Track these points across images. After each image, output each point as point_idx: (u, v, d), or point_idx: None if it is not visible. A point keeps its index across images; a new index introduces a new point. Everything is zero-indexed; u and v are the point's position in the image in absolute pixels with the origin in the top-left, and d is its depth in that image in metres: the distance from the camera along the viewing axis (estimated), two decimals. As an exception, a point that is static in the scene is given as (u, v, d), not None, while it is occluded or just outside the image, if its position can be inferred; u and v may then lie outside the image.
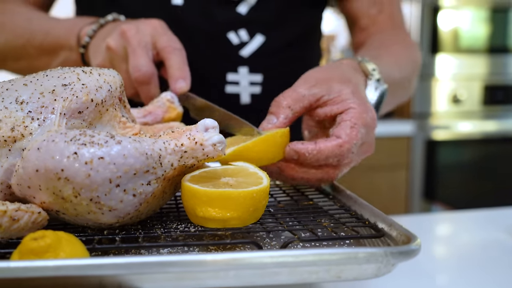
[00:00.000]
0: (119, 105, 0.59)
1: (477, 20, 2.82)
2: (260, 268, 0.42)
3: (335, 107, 0.65)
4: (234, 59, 0.91)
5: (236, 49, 0.91)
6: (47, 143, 0.47)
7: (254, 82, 0.92)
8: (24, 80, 0.54)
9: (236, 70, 0.91)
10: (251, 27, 0.91)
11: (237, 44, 0.91)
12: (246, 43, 0.91)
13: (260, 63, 0.92)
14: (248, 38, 0.91)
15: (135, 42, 0.72)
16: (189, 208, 0.52)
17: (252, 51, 0.91)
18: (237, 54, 0.91)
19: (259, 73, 0.92)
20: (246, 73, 0.91)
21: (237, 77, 0.91)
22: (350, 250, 0.43)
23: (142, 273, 0.41)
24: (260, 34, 0.92)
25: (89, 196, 0.47)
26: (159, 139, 0.50)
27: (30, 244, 0.42)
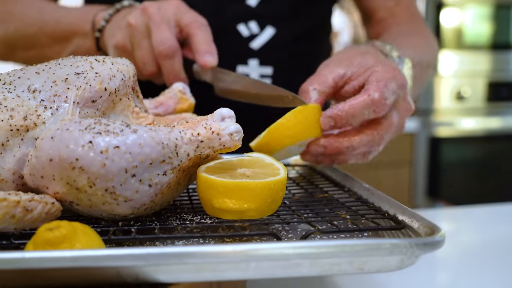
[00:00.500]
0: (132, 94, 0.57)
1: (480, 17, 2.80)
2: (281, 259, 0.41)
3: (361, 78, 0.65)
4: (244, 52, 0.90)
5: (246, 42, 0.90)
6: (61, 131, 0.46)
7: (264, 74, 0.91)
8: (36, 69, 0.53)
9: (246, 63, 0.90)
10: (261, 19, 0.90)
11: (247, 36, 0.90)
12: (256, 35, 0.90)
13: (270, 55, 0.91)
14: (258, 30, 0.90)
15: (158, 18, 0.71)
16: (205, 199, 0.51)
17: (263, 44, 0.90)
18: (247, 47, 0.90)
19: (269, 65, 0.91)
20: (256, 66, 0.90)
21: (247, 69, 0.90)
22: (374, 241, 0.42)
23: (160, 265, 0.40)
24: (271, 27, 0.91)
25: (104, 186, 0.46)
26: (174, 129, 0.49)
27: (45, 235, 0.41)
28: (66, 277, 0.40)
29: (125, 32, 0.73)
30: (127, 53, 0.74)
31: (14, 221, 0.45)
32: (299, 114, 0.63)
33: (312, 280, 0.67)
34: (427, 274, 0.71)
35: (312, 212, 0.55)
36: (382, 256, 0.42)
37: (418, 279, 0.69)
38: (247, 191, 0.49)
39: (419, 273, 0.70)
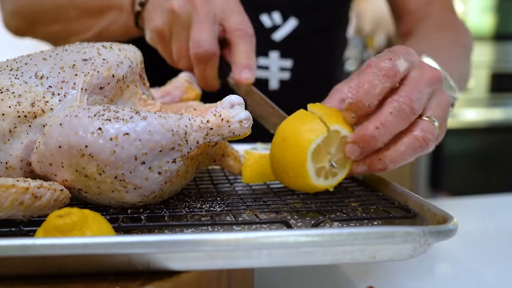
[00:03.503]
0: (139, 81, 0.57)
1: (483, 7, 2.79)
2: (295, 247, 0.40)
3: None
4: (266, 43, 0.88)
5: (268, 33, 0.88)
6: (70, 118, 0.46)
7: (284, 67, 0.90)
8: (43, 55, 0.52)
9: (267, 54, 0.88)
10: (285, 10, 0.88)
11: (270, 27, 0.88)
12: (279, 27, 0.88)
13: (291, 48, 0.90)
14: (281, 21, 0.88)
15: (203, 12, 0.65)
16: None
17: (285, 35, 0.89)
18: (269, 38, 0.88)
19: (289, 58, 0.89)
20: (276, 58, 0.89)
21: (268, 61, 0.88)
22: (388, 229, 0.41)
23: (173, 252, 0.39)
24: (294, 18, 0.89)
25: (113, 173, 0.45)
26: (184, 116, 0.49)
27: (56, 222, 0.41)
28: (76, 264, 0.40)
29: (166, 17, 0.67)
30: (164, 40, 0.68)
31: (22, 208, 0.45)
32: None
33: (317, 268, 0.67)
34: (429, 264, 0.71)
35: (321, 200, 0.54)
36: (395, 244, 0.42)
37: (420, 269, 0.69)
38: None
39: (421, 263, 0.70)
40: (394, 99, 0.52)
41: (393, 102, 0.52)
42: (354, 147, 0.52)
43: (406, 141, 0.53)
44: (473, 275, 0.68)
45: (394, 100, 0.52)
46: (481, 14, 2.79)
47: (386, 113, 0.51)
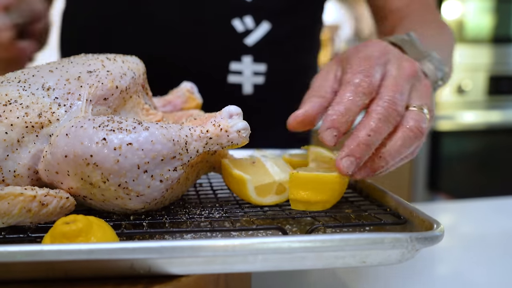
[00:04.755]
0: (142, 92, 0.59)
1: (481, 10, 2.81)
2: (288, 252, 0.43)
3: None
4: (238, 48, 0.88)
5: (240, 37, 0.88)
6: (75, 129, 0.48)
7: (258, 72, 0.90)
8: (50, 67, 0.55)
9: (240, 59, 0.88)
10: (257, 14, 0.88)
11: (242, 31, 0.88)
12: (251, 31, 0.88)
13: (264, 52, 0.90)
14: (253, 26, 0.88)
15: None
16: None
17: (257, 40, 0.89)
18: (241, 42, 0.88)
19: (263, 62, 0.90)
20: (250, 63, 0.89)
21: (241, 66, 0.89)
22: (376, 236, 0.43)
23: (173, 257, 0.41)
24: (266, 22, 0.89)
25: (117, 181, 0.47)
26: (184, 126, 0.51)
27: (62, 228, 0.43)
28: (82, 268, 0.42)
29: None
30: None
31: (30, 215, 0.47)
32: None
33: (312, 272, 0.69)
34: (427, 266, 0.73)
35: (316, 207, 0.56)
36: (384, 249, 0.44)
37: (419, 272, 0.71)
38: (323, 184, 0.52)
39: (420, 266, 0.72)
40: (379, 104, 0.53)
41: (378, 107, 0.53)
42: (350, 159, 0.52)
43: (401, 135, 0.54)
44: (470, 277, 0.70)
45: (379, 105, 0.53)
46: (479, 17, 2.81)
47: (375, 119, 0.52)
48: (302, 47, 0.97)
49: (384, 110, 0.53)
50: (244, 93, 0.90)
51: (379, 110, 0.53)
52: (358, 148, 0.52)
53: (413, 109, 0.55)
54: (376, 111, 0.53)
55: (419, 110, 0.55)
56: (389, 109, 0.53)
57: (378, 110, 0.53)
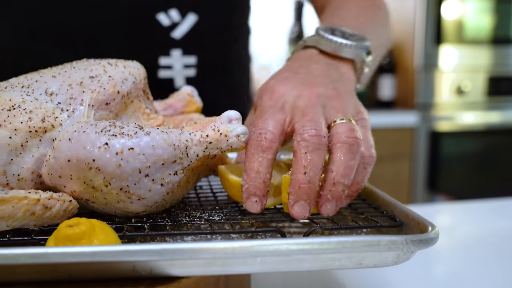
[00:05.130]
0: (143, 96, 0.60)
1: (481, 11, 2.82)
2: (286, 255, 0.44)
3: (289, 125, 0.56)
4: (166, 42, 0.87)
5: (167, 31, 0.87)
6: (78, 134, 0.49)
7: (188, 64, 0.89)
8: (52, 72, 0.56)
9: (169, 53, 0.87)
10: (182, 7, 0.87)
11: (169, 25, 0.86)
12: (178, 24, 0.87)
13: (193, 44, 0.88)
14: (179, 18, 0.87)
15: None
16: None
17: (185, 32, 0.87)
18: (168, 36, 0.87)
19: (193, 55, 0.89)
20: (179, 56, 0.87)
21: (170, 60, 0.87)
22: (372, 238, 0.44)
23: (174, 259, 0.42)
24: (193, 13, 0.87)
25: (119, 185, 0.49)
26: (185, 130, 0.52)
27: (66, 231, 0.44)
28: (85, 271, 0.43)
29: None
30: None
31: (34, 218, 0.48)
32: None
33: (310, 273, 0.70)
34: (426, 267, 0.74)
35: (314, 209, 0.58)
36: (380, 252, 0.45)
37: (417, 272, 0.72)
38: None
39: (418, 266, 0.73)
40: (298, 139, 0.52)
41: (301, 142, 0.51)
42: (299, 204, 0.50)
43: (339, 152, 0.52)
44: (469, 278, 0.71)
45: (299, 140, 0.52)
46: (479, 18, 2.82)
47: (301, 155, 0.51)
48: (231, 36, 0.96)
49: (306, 142, 0.51)
50: (176, 86, 0.89)
51: (302, 144, 0.51)
52: (301, 190, 0.50)
53: (339, 122, 0.53)
54: (299, 147, 0.51)
55: (346, 120, 0.54)
56: (311, 138, 0.51)
57: (302, 144, 0.51)
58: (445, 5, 2.74)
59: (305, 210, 0.50)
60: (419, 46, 2.76)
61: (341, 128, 0.53)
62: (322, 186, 0.52)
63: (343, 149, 0.52)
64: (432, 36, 2.75)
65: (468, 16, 2.80)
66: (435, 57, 2.77)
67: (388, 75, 2.99)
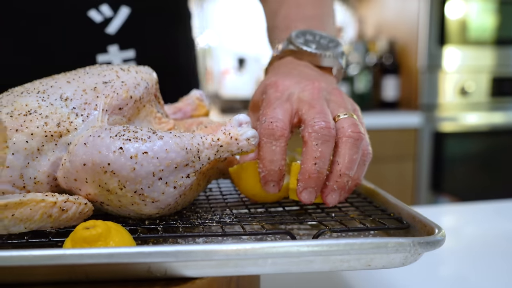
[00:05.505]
0: (154, 101, 0.62)
1: (484, 11, 2.83)
2: (297, 256, 0.45)
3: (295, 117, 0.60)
4: (101, 39, 0.85)
5: (101, 28, 0.85)
6: (93, 138, 0.50)
7: (127, 59, 0.87)
8: (67, 78, 0.57)
9: (106, 50, 0.85)
10: (113, 0, 0.85)
11: (101, 21, 0.84)
12: (111, 19, 0.85)
13: (129, 37, 0.87)
14: (112, 13, 0.85)
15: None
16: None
17: (119, 27, 0.86)
18: (103, 33, 0.85)
19: (130, 48, 0.87)
20: (117, 51, 0.86)
21: (108, 57, 0.86)
22: (380, 240, 0.46)
23: (188, 261, 0.44)
24: (125, 6, 0.86)
25: (133, 188, 0.50)
26: (196, 134, 0.53)
27: (83, 233, 0.45)
28: (102, 272, 0.44)
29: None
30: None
31: (51, 220, 0.50)
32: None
33: (318, 274, 0.72)
34: (431, 268, 0.75)
35: (323, 211, 0.59)
36: (388, 253, 0.46)
37: (423, 273, 0.73)
38: None
39: (423, 267, 0.74)
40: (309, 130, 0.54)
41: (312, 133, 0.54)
42: (308, 190, 0.54)
43: (344, 146, 0.55)
44: (473, 279, 0.72)
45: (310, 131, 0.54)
46: (482, 18, 2.83)
47: (313, 146, 0.54)
48: (168, 23, 0.94)
49: (317, 134, 0.54)
50: None
51: (313, 136, 0.54)
52: (310, 179, 0.54)
53: (343, 117, 0.56)
54: (310, 138, 0.54)
55: (349, 115, 0.56)
56: (322, 130, 0.54)
57: (313, 136, 0.54)
58: (448, 6, 2.75)
59: (313, 196, 0.54)
60: (423, 47, 2.77)
61: (345, 123, 0.56)
62: (328, 177, 0.55)
63: (348, 143, 0.55)
64: (436, 37, 2.76)
65: (472, 17, 2.80)
66: (439, 58, 2.78)
67: (391, 76, 3.00)
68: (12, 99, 0.54)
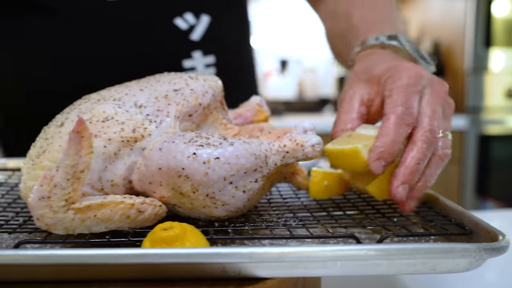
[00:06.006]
0: (220, 107, 0.64)
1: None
2: (365, 259, 0.47)
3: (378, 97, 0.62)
4: (186, 45, 0.91)
5: (186, 34, 0.91)
6: (168, 144, 0.53)
7: (209, 64, 0.93)
8: (140, 86, 0.60)
9: (191, 56, 0.92)
10: (195, 9, 0.91)
11: (186, 29, 0.91)
12: (194, 26, 0.91)
13: (211, 43, 0.93)
14: (195, 21, 0.91)
15: None
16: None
17: (202, 33, 0.91)
18: (188, 39, 0.91)
19: (211, 54, 0.93)
20: (200, 57, 0.92)
21: (193, 62, 0.91)
22: (447, 245, 0.47)
23: (261, 262, 0.46)
24: (206, 15, 0.92)
25: (205, 192, 0.52)
26: (264, 141, 0.56)
27: (161, 234, 0.48)
28: (179, 271, 0.47)
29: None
30: None
31: (128, 221, 0.53)
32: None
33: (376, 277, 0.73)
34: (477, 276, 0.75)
35: (383, 216, 0.60)
36: (454, 258, 0.48)
37: (471, 278, 0.73)
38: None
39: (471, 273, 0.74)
40: (422, 134, 0.56)
41: (422, 137, 0.56)
42: (404, 186, 0.55)
43: (434, 161, 0.58)
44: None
45: (423, 135, 0.56)
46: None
47: (421, 148, 0.56)
48: (239, 30, 1.01)
49: (427, 139, 0.56)
50: None
51: (423, 140, 0.56)
52: (411, 177, 0.55)
53: (448, 138, 0.58)
54: (421, 140, 0.56)
55: (445, 136, 0.58)
56: (432, 138, 0.56)
57: (423, 139, 0.56)
58: (495, 7, 2.71)
59: (405, 193, 0.55)
60: (469, 48, 2.74)
61: (442, 143, 0.58)
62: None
63: (437, 161, 0.58)
64: (482, 38, 2.72)
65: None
66: (485, 59, 2.75)
67: (436, 78, 2.97)
68: (90, 106, 0.57)
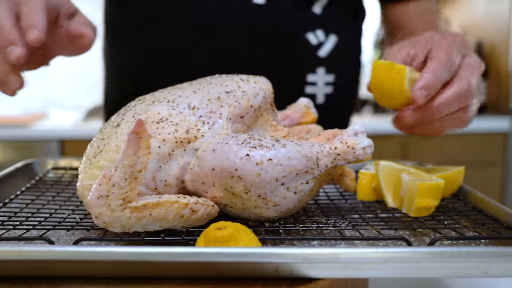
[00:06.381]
0: (270, 109, 0.65)
1: None
2: (417, 262, 0.47)
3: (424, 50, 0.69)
4: (313, 60, 0.94)
5: (314, 50, 0.93)
6: (221, 145, 0.54)
7: (328, 82, 0.95)
8: (192, 88, 0.62)
9: (315, 71, 0.94)
10: (326, 27, 0.94)
11: (316, 44, 0.93)
12: (323, 43, 0.93)
13: (333, 62, 0.95)
14: (324, 38, 0.93)
15: None
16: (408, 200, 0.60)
17: (328, 52, 0.94)
18: (315, 55, 0.93)
19: (332, 73, 0.95)
20: (323, 74, 0.94)
21: (316, 77, 0.94)
22: (501, 249, 0.47)
23: (314, 262, 0.47)
24: (333, 34, 0.94)
25: (257, 193, 0.53)
26: (315, 143, 0.56)
27: (215, 233, 0.49)
28: (232, 269, 0.48)
29: None
30: None
31: (182, 220, 0.54)
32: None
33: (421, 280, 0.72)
34: None
35: (433, 219, 0.60)
36: (507, 262, 0.47)
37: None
38: (438, 190, 0.59)
39: None
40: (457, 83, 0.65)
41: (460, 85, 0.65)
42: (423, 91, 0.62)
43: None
44: None
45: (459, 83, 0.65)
46: None
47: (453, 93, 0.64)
48: (357, 53, 1.04)
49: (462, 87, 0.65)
50: (317, 102, 0.94)
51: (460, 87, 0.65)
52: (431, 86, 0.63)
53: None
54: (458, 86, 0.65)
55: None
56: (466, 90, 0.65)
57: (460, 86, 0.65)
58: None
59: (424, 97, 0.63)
60: (514, 49, 2.68)
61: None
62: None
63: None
64: (526, 38, 2.66)
65: None
66: (529, 60, 2.68)
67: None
68: (145, 108, 0.59)
